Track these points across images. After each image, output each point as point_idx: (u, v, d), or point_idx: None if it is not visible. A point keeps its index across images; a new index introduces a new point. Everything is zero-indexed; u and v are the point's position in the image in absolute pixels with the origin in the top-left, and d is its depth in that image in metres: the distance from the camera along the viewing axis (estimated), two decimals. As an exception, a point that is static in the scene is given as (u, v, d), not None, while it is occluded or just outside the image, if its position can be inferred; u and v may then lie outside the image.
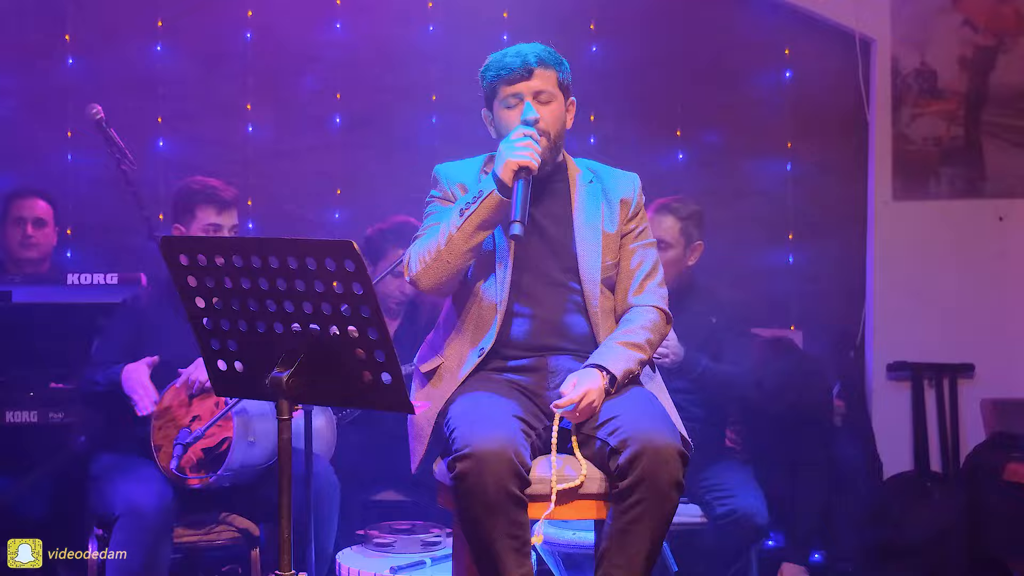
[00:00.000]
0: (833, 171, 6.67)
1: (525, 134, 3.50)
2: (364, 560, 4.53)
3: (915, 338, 6.55)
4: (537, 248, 3.67)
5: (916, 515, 6.09)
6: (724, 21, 6.53)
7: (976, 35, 6.51)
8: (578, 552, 4.45)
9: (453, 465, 3.29)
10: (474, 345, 3.64)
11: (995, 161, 6.54)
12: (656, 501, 3.32)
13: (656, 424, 3.41)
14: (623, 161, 3.98)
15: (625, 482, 3.33)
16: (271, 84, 6.56)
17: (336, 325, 2.97)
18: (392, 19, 6.52)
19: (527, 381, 3.64)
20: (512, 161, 3.46)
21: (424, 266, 3.57)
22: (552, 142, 3.63)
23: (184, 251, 3.04)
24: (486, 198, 3.48)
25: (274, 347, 3.05)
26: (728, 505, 4.73)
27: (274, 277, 2.96)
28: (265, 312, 3.02)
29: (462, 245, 3.52)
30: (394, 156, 6.46)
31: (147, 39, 6.47)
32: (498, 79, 3.63)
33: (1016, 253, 6.56)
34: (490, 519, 3.26)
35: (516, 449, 3.29)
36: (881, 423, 6.53)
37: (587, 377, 3.50)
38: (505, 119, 3.64)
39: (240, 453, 4.27)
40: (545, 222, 3.67)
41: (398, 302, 5.50)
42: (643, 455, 3.30)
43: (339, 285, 2.91)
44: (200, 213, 4.60)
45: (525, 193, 3.44)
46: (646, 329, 3.65)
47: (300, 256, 2.90)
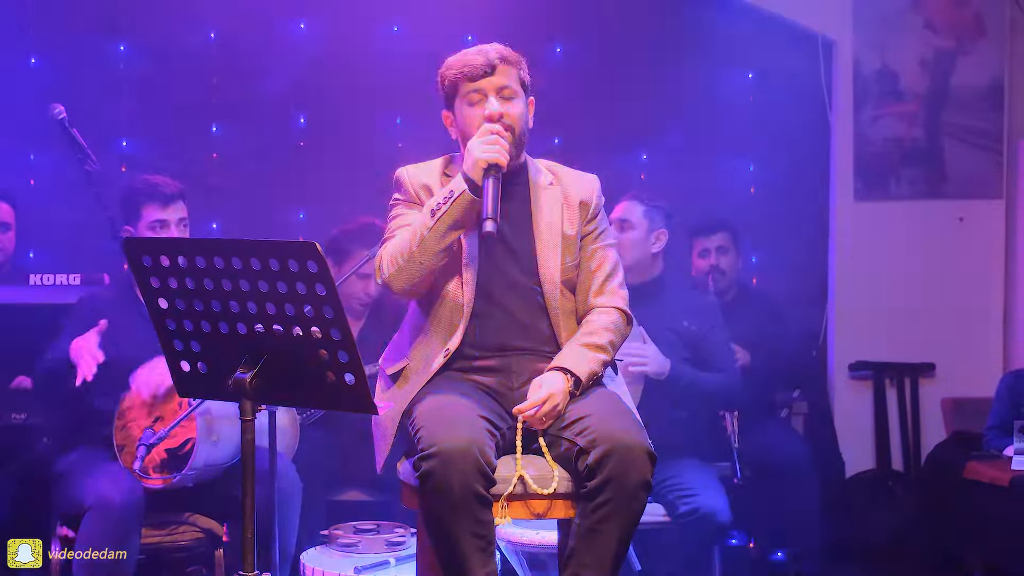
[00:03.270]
0: (795, 172, 6.71)
1: (492, 132, 3.51)
2: (328, 560, 4.52)
3: (876, 338, 6.61)
4: (498, 250, 3.67)
5: (878, 514, 6.14)
6: (687, 22, 6.54)
7: (936, 37, 6.56)
8: (542, 552, 4.47)
9: (419, 464, 3.30)
10: (440, 346, 3.64)
11: (955, 162, 6.60)
12: (624, 501, 3.34)
13: (624, 424, 3.44)
14: (587, 163, 3.99)
15: (594, 482, 3.35)
16: (236, 84, 6.54)
17: (299, 326, 2.98)
18: (357, 20, 6.51)
19: (492, 381, 3.64)
20: (481, 159, 3.46)
21: (397, 268, 3.57)
22: (516, 138, 3.63)
23: (147, 252, 3.04)
24: (457, 198, 3.49)
25: (237, 348, 3.05)
26: (691, 504, 4.74)
27: (237, 278, 2.96)
28: (228, 313, 3.03)
29: (435, 246, 3.52)
30: (359, 157, 6.45)
31: (110, 39, 6.44)
32: (460, 76, 3.63)
33: (976, 254, 6.63)
34: (455, 518, 3.28)
35: (481, 448, 3.30)
36: (843, 422, 6.59)
37: (551, 381, 3.52)
38: (468, 116, 3.63)
39: (204, 453, 4.27)
40: (505, 225, 3.68)
41: (363, 303, 5.50)
42: (612, 455, 3.33)
43: (302, 286, 2.91)
44: (145, 211, 4.56)
45: (496, 190, 3.45)
46: (608, 330, 3.66)
47: (263, 257, 2.91)
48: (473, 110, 3.63)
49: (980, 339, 6.63)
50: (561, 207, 3.74)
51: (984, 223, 6.63)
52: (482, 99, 3.62)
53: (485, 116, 3.58)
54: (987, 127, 6.59)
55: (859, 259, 6.62)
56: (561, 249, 3.70)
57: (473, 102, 3.63)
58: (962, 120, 6.59)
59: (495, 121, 3.57)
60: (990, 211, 6.64)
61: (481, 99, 3.62)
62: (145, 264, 3.05)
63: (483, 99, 3.61)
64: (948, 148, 6.60)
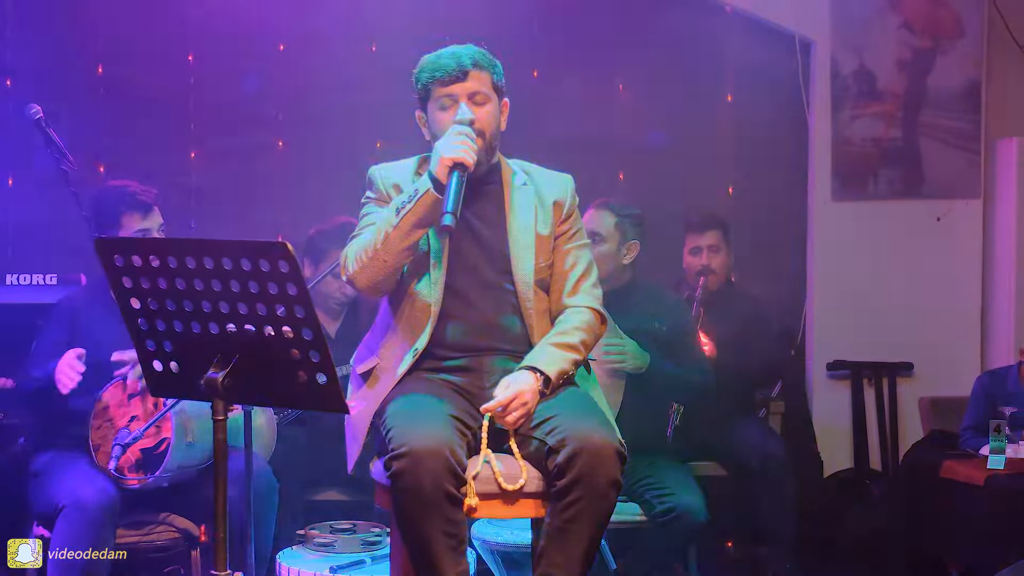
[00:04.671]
0: (773, 172, 6.72)
1: (461, 132, 3.52)
2: (304, 560, 4.52)
3: (855, 337, 6.62)
4: (471, 250, 3.68)
5: (856, 513, 6.15)
6: (663, 23, 6.53)
7: (914, 38, 6.57)
8: (517, 551, 4.47)
9: (390, 464, 3.30)
10: (409, 346, 3.65)
11: (933, 162, 6.61)
12: (594, 499, 3.35)
13: (593, 423, 3.44)
14: (565, 164, 3.99)
15: (563, 481, 3.35)
16: (214, 83, 6.51)
17: (271, 326, 2.99)
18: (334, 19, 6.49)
19: (463, 381, 3.65)
20: (447, 158, 3.46)
21: (361, 266, 3.58)
22: (487, 142, 3.64)
23: (119, 252, 3.05)
24: (422, 196, 3.49)
25: (209, 348, 3.06)
26: (667, 503, 4.75)
27: (209, 278, 2.97)
28: (200, 313, 3.03)
29: (398, 244, 3.53)
30: (338, 157, 6.44)
31: (87, 36, 6.41)
32: (432, 80, 3.64)
33: (953, 253, 6.64)
34: (426, 517, 3.29)
35: (452, 448, 3.31)
36: (821, 421, 6.60)
37: (519, 379, 3.52)
38: (440, 120, 3.64)
39: (179, 454, 4.27)
40: (478, 224, 3.69)
41: (339, 303, 5.50)
42: (581, 454, 3.33)
43: (273, 286, 2.92)
44: (126, 220, 4.53)
45: (459, 187, 3.45)
46: (580, 330, 3.67)
47: (234, 257, 2.92)
48: (444, 114, 3.64)
49: (958, 338, 6.64)
50: (535, 207, 3.75)
51: (962, 223, 6.64)
52: (453, 104, 3.63)
53: (455, 122, 3.58)
54: (965, 127, 6.60)
55: (837, 258, 6.63)
56: (535, 249, 3.71)
57: (445, 106, 3.65)
58: (940, 120, 6.60)
59: (466, 125, 3.57)
60: (968, 211, 6.65)
61: (452, 104, 3.63)
62: (117, 264, 3.05)
63: (454, 104, 3.63)
64: (926, 148, 6.61)
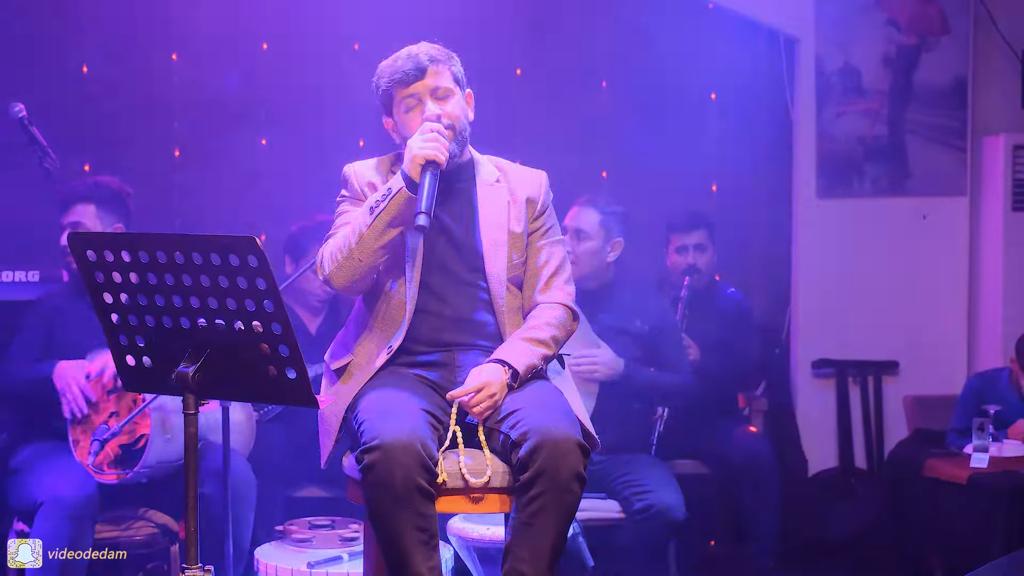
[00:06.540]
0: (757, 169, 6.73)
1: (432, 129, 3.52)
2: (282, 556, 4.54)
3: (839, 336, 6.62)
4: (444, 248, 3.68)
5: (840, 512, 6.16)
6: (648, 20, 6.52)
7: (899, 34, 6.57)
8: (492, 547, 4.47)
9: (361, 457, 3.31)
10: (384, 343, 3.65)
11: (918, 159, 6.61)
12: (557, 493, 3.34)
13: (555, 417, 3.43)
14: (545, 162, 3.98)
15: (526, 475, 3.35)
16: (197, 82, 6.51)
17: (241, 320, 2.99)
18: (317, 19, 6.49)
19: (434, 376, 3.65)
20: (419, 156, 3.46)
21: (337, 265, 3.58)
22: (458, 134, 3.65)
23: (91, 247, 3.05)
24: (395, 195, 3.49)
25: (181, 342, 3.06)
26: (646, 500, 4.76)
27: (179, 272, 2.98)
28: (172, 307, 3.04)
29: (373, 243, 3.53)
30: (321, 155, 6.43)
31: (71, 34, 6.40)
32: (392, 84, 3.65)
33: (939, 251, 6.64)
34: (398, 511, 3.29)
35: (424, 442, 3.31)
36: (806, 420, 6.60)
37: (488, 370, 3.53)
38: (407, 122, 3.65)
39: (157, 449, 4.29)
40: (450, 222, 3.69)
41: (320, 300, 5.51)
42: (542, 447, 3.33)
43: (243, 280, 2.93)
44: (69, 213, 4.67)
45: (432, 186, 3.45)
46: (551, 326, 3.67)
47: (204, 251, 2.92)
48: (411, 115, 3.65)
49: (943, 337, 6.64)
50: (507, 204, 3.75)
51: (948, 220, 6.64)
52: (418, 104, 3.64)
53: (424, 119, 3.59)
54: (951, 124, 6.60)
55: (822, 256, 6.62)
56: (508, 247, 3.71)
57: (410, 107, 3.65)
58: (926, 117, 6.60)
59: (436, 122, 3.58)
60: (954, 208, 6.65)
61: (417, 104, 3.64)
62: (90, 259, 3.05)
63: (419, 104, 3.63)
64: (911, 145, 6.61)
